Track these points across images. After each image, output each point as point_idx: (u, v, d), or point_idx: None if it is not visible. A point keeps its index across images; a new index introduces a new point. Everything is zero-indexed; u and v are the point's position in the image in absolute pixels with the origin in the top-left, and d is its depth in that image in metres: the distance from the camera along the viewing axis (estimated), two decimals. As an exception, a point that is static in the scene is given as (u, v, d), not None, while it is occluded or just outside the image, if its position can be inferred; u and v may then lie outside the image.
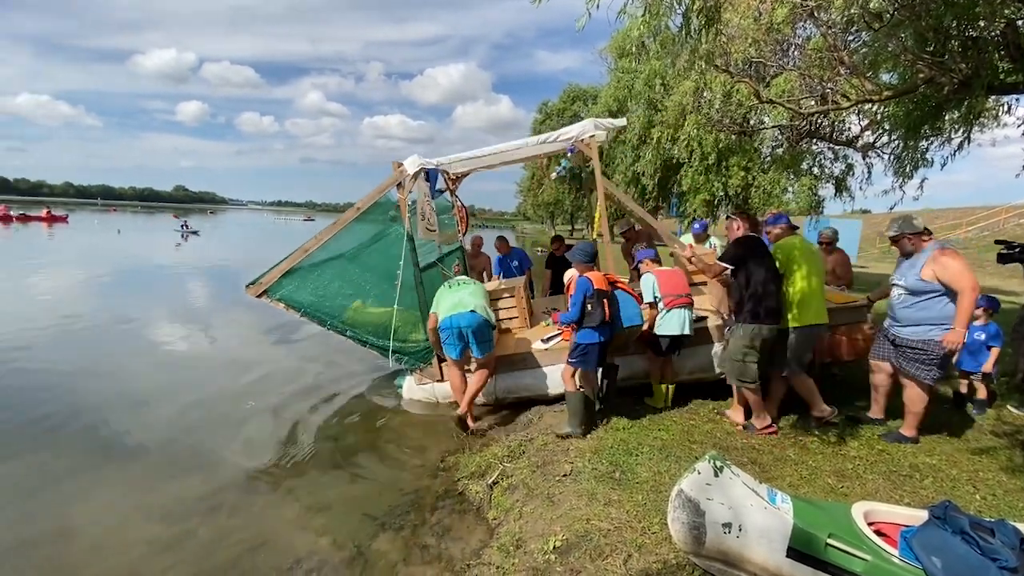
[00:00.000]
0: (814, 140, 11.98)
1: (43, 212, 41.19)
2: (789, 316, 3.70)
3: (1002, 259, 4.20)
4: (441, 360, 4.76)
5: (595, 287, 3.72)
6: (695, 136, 12.09)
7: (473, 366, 4.51)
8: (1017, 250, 4.16)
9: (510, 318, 5.58)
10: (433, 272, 5.57)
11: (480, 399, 4.77)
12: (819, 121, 10.75)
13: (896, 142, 6.97)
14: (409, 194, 4.96)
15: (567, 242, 6.89)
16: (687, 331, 4.09)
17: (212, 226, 45.41)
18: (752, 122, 11.38)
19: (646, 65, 13.56)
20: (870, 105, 5.71)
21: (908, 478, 3.05)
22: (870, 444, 3.49)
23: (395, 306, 4.82)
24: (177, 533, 3.10)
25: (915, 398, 3.49)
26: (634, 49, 5.02)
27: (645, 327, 4.16)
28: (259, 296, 4.55)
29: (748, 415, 3.85)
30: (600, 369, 4.04)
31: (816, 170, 13.29)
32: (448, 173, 6.52)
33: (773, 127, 11.40)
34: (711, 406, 4.23)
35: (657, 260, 4.60)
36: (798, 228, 4.07)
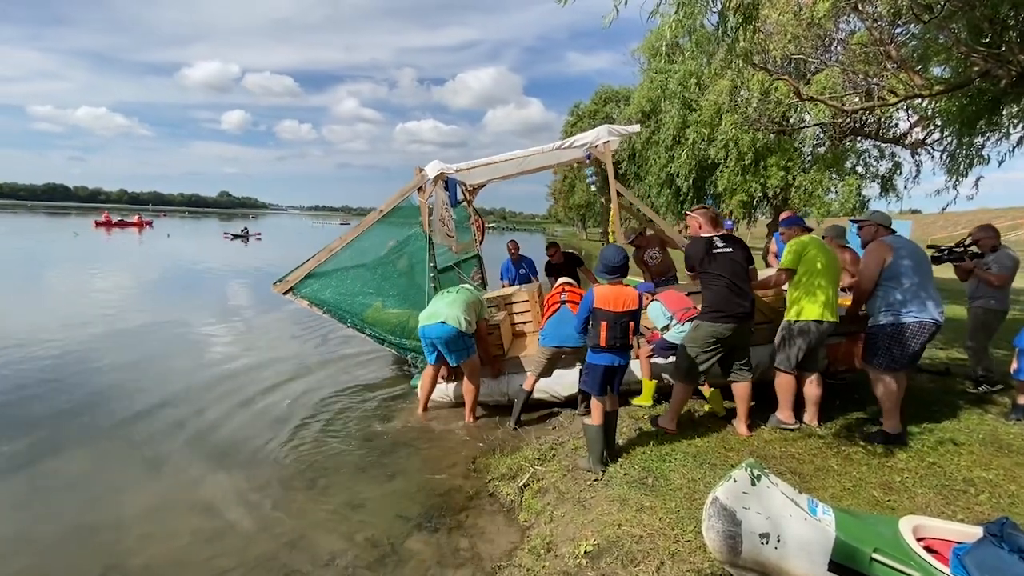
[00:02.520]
0: (858, 138, 11.55)
1: (135, 218, 45.53)
2: (787, 312, 3.79)
3: (934, 261, 4.41)
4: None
5: (596, 306, 3.25)
6: (731, 136, 11.82)
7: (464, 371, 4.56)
8: (945, 252, 4.47)
9: (524, 322, 5.66)
10: (451, 275, 5.68)
11: (491, 399, 4.82)
12: (864, 118, 10.35)
13: (949, 139, 6.65)
14: (429, 198, 5.07)
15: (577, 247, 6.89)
16: None
17: (256, 230, 47.61)
18: (792, 120, 11.04)
19: (680, 65, 13.35)
20: (920, 100, 5.46)
21: (962, 493, 2.89)
22: (920, 456, 3.32)
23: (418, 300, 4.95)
24: (220, 525, 3.22)
25: (878, 391, 3.51)
26: (664, 48, 4.98)
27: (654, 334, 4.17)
28: (284, 293, 4.74)
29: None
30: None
31: (860, 169, 12.74)
32: (465, 184, 6.69)
33: (815, 125, 11.02)
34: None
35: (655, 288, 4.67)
36: (812, 229, 4.06)
